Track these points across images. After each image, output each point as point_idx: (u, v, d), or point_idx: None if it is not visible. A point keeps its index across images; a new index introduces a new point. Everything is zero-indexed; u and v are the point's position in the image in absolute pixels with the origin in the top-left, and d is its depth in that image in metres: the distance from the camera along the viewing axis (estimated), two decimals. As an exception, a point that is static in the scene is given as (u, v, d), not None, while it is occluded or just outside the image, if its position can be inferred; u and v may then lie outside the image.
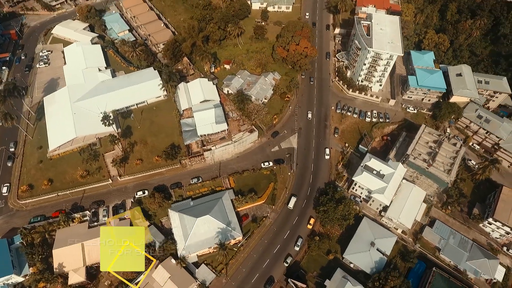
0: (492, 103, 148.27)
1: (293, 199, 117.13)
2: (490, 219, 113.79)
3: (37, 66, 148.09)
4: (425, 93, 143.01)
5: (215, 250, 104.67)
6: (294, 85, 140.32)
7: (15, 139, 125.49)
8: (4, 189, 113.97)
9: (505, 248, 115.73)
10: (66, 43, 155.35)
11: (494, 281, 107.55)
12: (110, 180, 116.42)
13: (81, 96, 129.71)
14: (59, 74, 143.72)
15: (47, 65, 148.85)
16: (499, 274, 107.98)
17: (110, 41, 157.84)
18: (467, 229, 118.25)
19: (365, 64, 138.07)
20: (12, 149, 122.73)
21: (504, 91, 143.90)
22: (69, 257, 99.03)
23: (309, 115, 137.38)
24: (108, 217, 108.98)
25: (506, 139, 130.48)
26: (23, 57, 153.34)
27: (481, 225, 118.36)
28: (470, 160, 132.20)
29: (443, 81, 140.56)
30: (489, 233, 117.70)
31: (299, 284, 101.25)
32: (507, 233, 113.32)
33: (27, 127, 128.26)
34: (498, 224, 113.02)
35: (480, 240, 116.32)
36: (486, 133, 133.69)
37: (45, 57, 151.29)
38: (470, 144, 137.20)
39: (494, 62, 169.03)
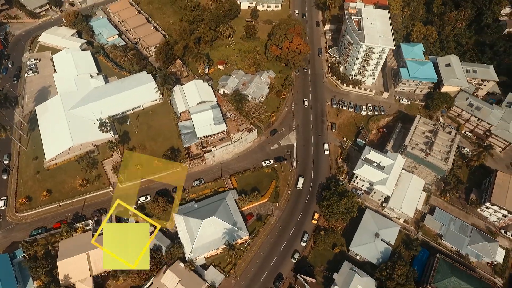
0: (480, 91, 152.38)
1: (301, 180, 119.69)
2: (488, 204, 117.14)
3: (26, 75, 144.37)
4: (417, 85, 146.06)
5: (222, 251, 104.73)
6: (289, 82, 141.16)
7: (9, 151, 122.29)
8: (1, 203, 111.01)
9: (502, 231, 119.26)
10: (54, 50, 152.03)
11: (495, 263, 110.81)
12: (110, 187, 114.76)
13: (75, 104, 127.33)
14: (49, 82, 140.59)
15: (36, 73, 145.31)
16: (499, 256, 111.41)
17: (100, 47, 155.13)
18: (466, 214, 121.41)
19: (357, 59, 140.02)
20: (6, 161, 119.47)
21: (491, 79, 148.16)
22: (74, 267, 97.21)
23: (305, 102, 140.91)
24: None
25: (497, 125, 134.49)
26: (10, 66, 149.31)
27: (479, 210, 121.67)
28: (464, 148, 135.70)
29: (433, 72, 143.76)
30: (487, 217, 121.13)
31: (308, 278, 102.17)
32: (504, 216, 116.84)
33: (20, 138, 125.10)
34: (495, 208, 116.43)
35: (479, 225, 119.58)
36: (478, 120, 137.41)
37: (33, 65, 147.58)
38: (463, 132, 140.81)
39: (479, 51, 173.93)
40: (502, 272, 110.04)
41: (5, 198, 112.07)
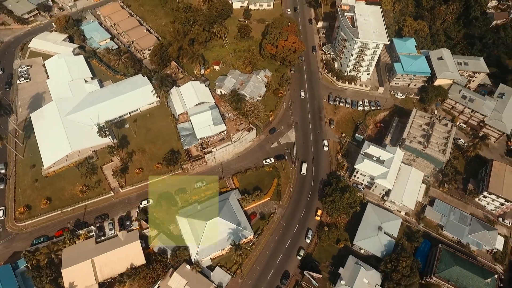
0: (472, 83, 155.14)
1: (305, 165, 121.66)
2: (485, 193, 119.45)
3: (18, 82, 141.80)
4: (411, 79, 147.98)
5: (228, 252, 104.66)
6: (285, 80, 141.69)
7: (5, 160, 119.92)
8: (0, 213, 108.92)
9: (500, 219, 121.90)
10: (46, 56, 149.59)
11: (495, 250, 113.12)
12: (111, 192, 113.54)
13: (71, 110, 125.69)
14: (42, 88, 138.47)
15: (28, 80, 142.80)
16: (499, 243, 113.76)
17: (92, 51, 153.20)
18: (464, 204, 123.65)
19: (352, 55, 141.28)
20: (3, 171, 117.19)
21: (482, 71, 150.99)
22: (79, 275, 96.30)
23: (302, 94, 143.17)
24: (114, 230, 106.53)
25: (490, 116, 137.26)
26: (0, 73, 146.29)
27: (476, 199, 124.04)
28: (459, 139, 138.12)
29: (427, 65, 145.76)
30: (485, 206, 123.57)
31: (315, 275, 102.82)
32: (502, 204, 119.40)
33: (16, 146, 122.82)
34: (493, 196, 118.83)
35: (477, 214, 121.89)
36: (471, 111, 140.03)
37: (24, 72, 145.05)
38: (457, 123, 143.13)
39: (469, 44, 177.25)
40: (502, 259, 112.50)
41: (3, 208, 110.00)
